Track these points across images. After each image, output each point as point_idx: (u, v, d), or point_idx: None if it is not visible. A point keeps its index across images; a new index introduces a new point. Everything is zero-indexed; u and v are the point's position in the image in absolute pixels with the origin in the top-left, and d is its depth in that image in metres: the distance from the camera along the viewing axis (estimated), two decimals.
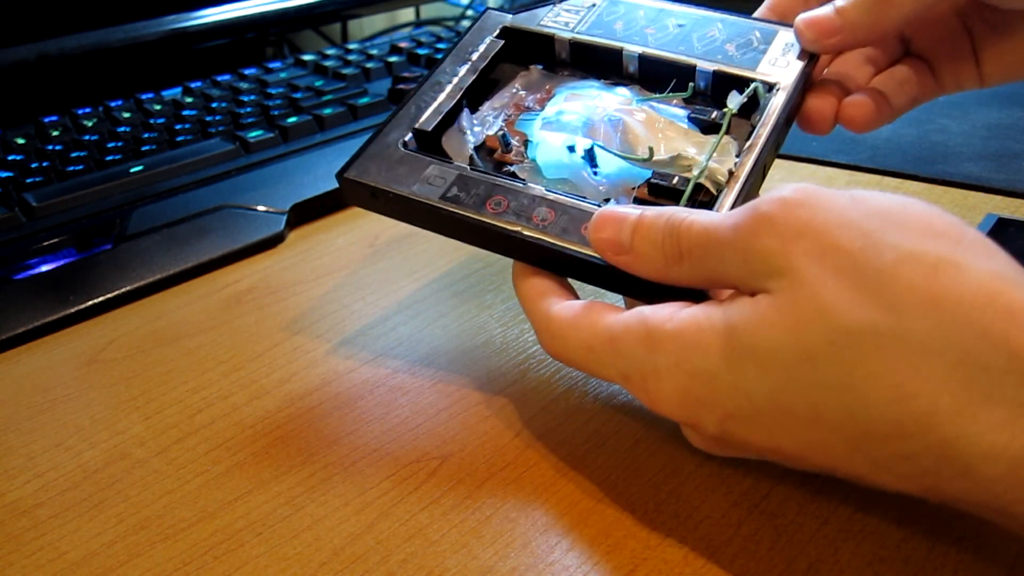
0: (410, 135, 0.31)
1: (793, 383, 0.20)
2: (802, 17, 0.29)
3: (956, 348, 0.18)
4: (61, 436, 0.30)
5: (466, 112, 0.32)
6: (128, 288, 0.39)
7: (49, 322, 0.37)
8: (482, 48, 0.33)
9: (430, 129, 0.31)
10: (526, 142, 0.30)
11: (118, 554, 0.25)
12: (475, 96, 0.33)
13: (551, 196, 0.27)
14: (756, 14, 0.33)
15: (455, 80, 0.32)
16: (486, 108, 0.32)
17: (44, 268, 0.40)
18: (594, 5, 0.34)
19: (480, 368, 0.32)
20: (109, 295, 0.38)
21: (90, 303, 0.38)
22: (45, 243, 0.41)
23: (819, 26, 0.29)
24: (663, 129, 0.29)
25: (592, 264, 0.26)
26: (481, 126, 0.32)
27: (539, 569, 0.23)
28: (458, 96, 0.32)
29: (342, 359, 0.33)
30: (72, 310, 0.37)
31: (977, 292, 0.18)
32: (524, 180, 0.29)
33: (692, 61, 0.31)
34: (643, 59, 0.31)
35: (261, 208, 0.45)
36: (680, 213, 0.23)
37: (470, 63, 0.33)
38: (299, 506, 0.26)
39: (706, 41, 0.31)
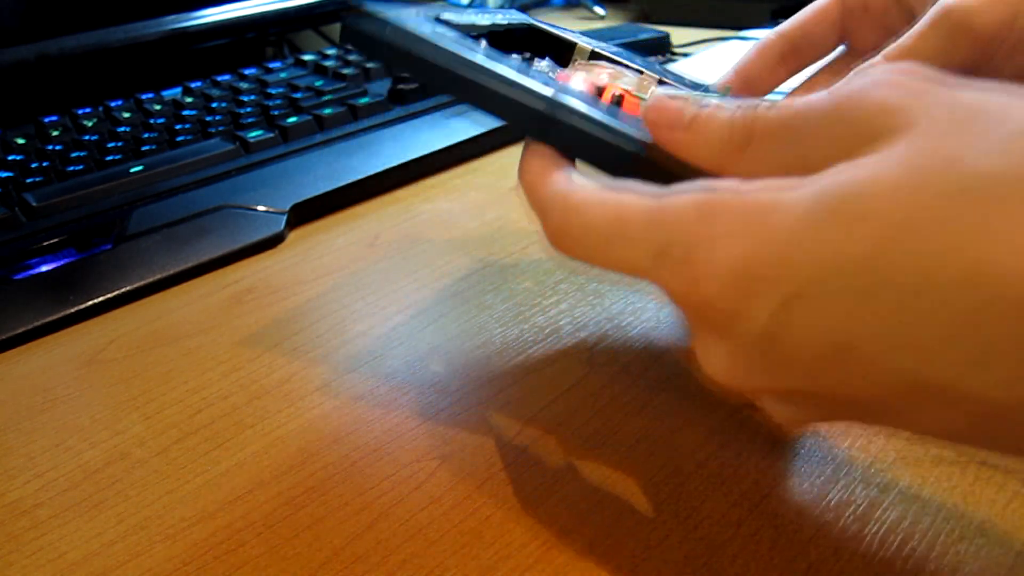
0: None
1: (901, 243, 0.16)
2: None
3: None
4: (61, 436, 0.30)
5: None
6: (128, 288, 0.39)
7: (49, 322, 0.37)
8: None
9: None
10: None
11: (118, 554, 0.25)
12: None
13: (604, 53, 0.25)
14: (722, 80, 0.33)
15: None
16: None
17: (44, 268, 0.40)
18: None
19: (480, 368, 0.32)
20: (109, 295, 0.38)
21: (90, 303, 0.38)
22: (45, 243, 0.41)
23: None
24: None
25: (622, 149, 0.22)
26: None
27: (539, 569, 0.23)
28: None
29: (342, 359, 0.33)
30: (72, 310, 0.37)
31: None
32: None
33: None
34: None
35: (261, 208, 0.45)
36: (753, 102, 0.20)
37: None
38: (299, 506, 0.26)
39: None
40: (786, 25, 0.33)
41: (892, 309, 0.16)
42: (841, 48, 0.32)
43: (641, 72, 0.31)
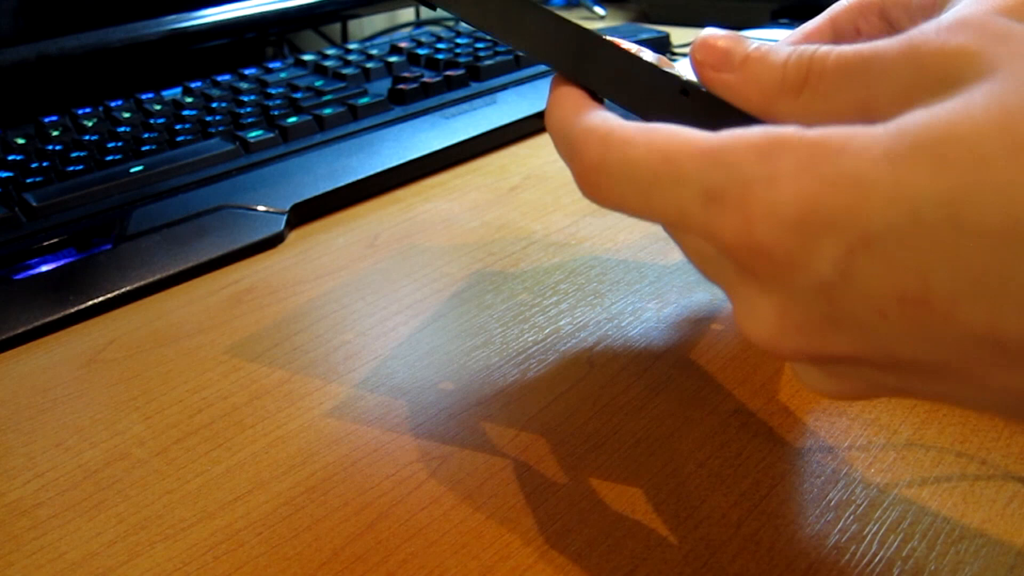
0: None
1: (990, 185, 0.14)
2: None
3: None
4: (61, 436, 0.30)
5: None
6: (128, 288, 0.39)
7: (49, 322, 0.37)
8: None
9: None
10: None
11: (118, 554, 0.25)
12: None
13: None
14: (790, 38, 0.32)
15: None
16: None
17: (44, 268, 0.40)
18: None
19: (480, 368, 0.32)
20: (109, 295, 0.38)
21: (90, 303, 0.38)
22: (45, 243, 0.41)
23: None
24: None
25: (665, 87, 0.21)
26: None
27: (539, 569, 0.23)
28: None
29: (342, 359, 0.33)
30: (72, 310, 0.38)
31: None
32: None
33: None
34: None
35: (261, 208, 0.45)
36: (810, 46, 0.19)
37: None
38: (299, 506, 0.26)
39: None
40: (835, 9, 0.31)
41: (975, 255, 0.15)
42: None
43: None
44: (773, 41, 0.33)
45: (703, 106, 0.20)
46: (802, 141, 0.16)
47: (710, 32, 0.21)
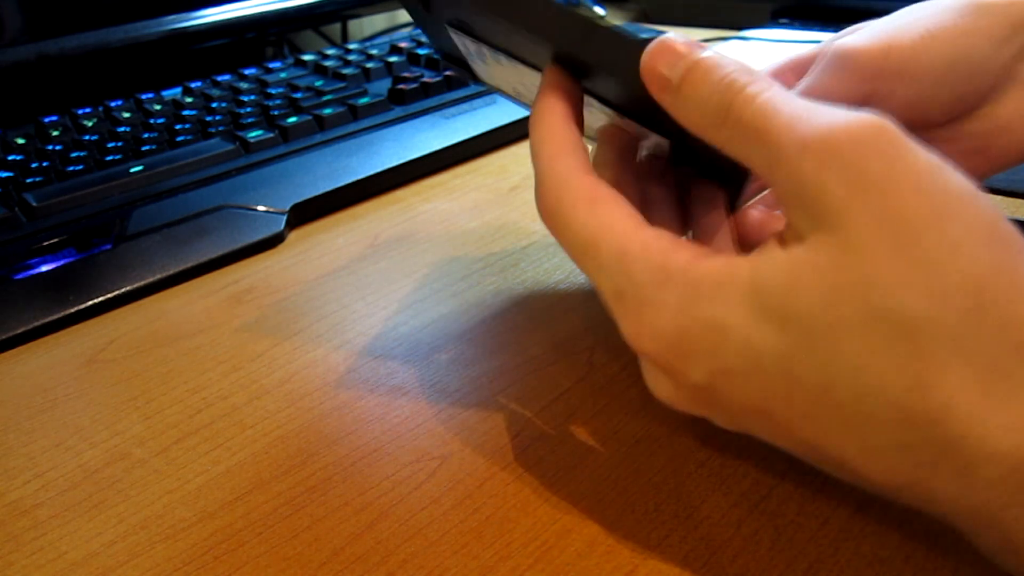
0: None
1: (811, 351, 0.19)
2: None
3: (987, 353, 0.18)
4: (61, 436, 0.30)
5: None
6: (128, 288, 0.39)
7: (49, 322, 0.37)
8: None
9: None
10: None
11: (118, 554, 0.25)
12: None
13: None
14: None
15: None
16: None
17: (44, 268, 0.40)
18: None
19: (480, 368, 0.32)
20: (109, 295, 0.38)
21: (90, 303, 0.38)
22: (45, 243, 0.41)
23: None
24: None
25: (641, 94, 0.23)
26: None
27: (539, 569, 0.23)
28: None
29: (342, 359, 0.33)
30: (72, 310, 0.38)
31: None
32: None
33: None
34: None
35: (261, 208, 0.45)
36: (742, 77, 0.21)
37: None
38: (299, 506, 0.26)
39: None
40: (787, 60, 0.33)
41: (800, 399, 0.20)
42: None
43: None
44: (757, 41, 0.33)
45: (660, 115, 0.22)
46: (687, 277, 0.21)
47: (659, 43, 0.22)
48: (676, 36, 0.23)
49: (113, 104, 0.56)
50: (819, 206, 0.19)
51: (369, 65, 0.60)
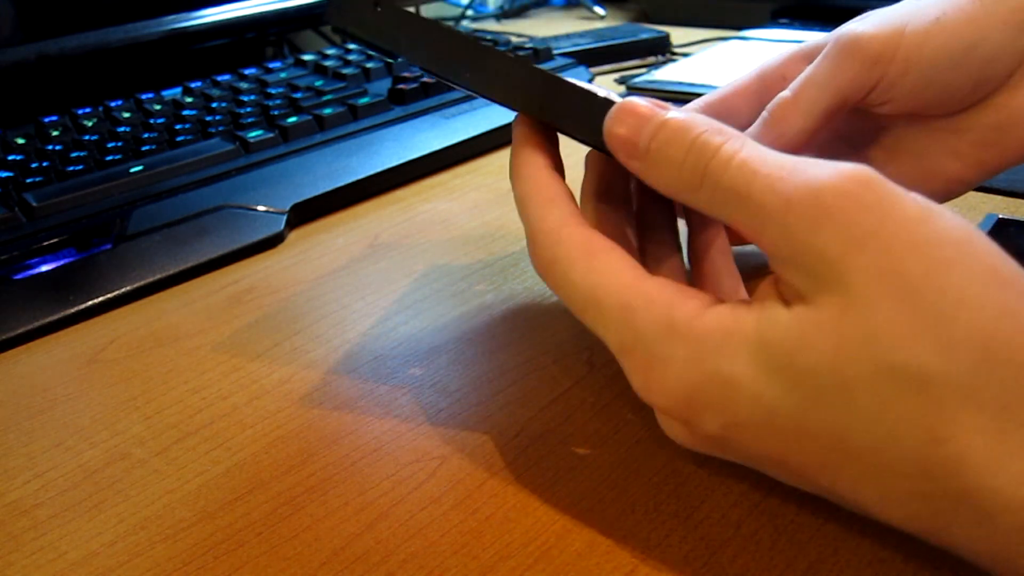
0: None
1: (823, 406, 0.19)
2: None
3: (999, 402, 0.17)
4: (61, 436, 0.30)
5: None
6: (128, 288, 0.39)
7: (49, 322, 0.37)
8: None
9: None
10: None
11: (118, 554, 0.25)
12: None
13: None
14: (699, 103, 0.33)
15: None
16: None
17: (44, 268, 0.40)
18: None
19: (480, 368, 0.32)
20: (109, 295, 0.38)
21: (90, 303, 0.38)
22: (45, 243, 0.41)
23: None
24: None
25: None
26: None
27: (539, 569, 0.23)
28: None
29: (342, 359, 0.33)
30: (72, 310, 0.38)
31: None
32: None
33: None
34: None
35: (261, 208, 0.45)
36: (714, 138, 0.20)
37: None
38: (299, 506, 0.26)
39: None
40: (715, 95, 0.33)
41: (815, 450, 0.20)
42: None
43: None
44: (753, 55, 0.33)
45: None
46: (692, 331, 0.20)
47: (620, 107, 0.22)
48: (638, 99, 0.22)
49: (113, 104, 0.56)
50: (817, 268, 0.18)
51: (369, 65, 0.60)
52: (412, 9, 0.25)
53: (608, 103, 0.23)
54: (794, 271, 0.19)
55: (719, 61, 0.65)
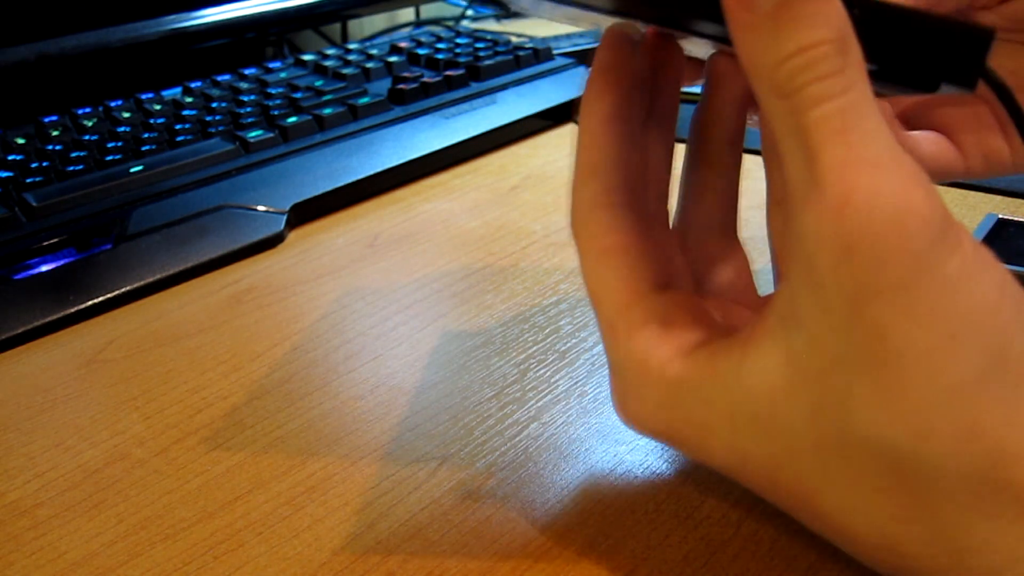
0: None
1: (795, 464, 0.19)
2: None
3: (980, 483, 0.17)
4: (61, 436, 0.30)
5: None
6: (128, 288, 0.39)
7: (49, 322, 0.37)
8: None
9: None
10: None
11: (118, 554, 0.25)
12: None
13: None
14: None
15: None
16: None
17: (44, 268, 0.40)
18: None
19: (480, 368, 0.32)
20: (109, 295, 0.38)
21: (90, 303, 0.38)
22: (45, 243, 0.41)
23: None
24: None
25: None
26: None
27: (539, 569, 0.23)
28: None
29: (342, 359, 0.33)
30: (72, 310, 0.37)
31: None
32: None
33: None
34: None
35: (261, 208, 0.45)
36: (835, 58, 0.16)
37: None
38: (299, 506, 0.26)
39: None
40: None
41: (785, 499, 0.20)
42: None
43: None
44: None
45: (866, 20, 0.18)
46: (663, 378, 0.20)
47: None
48: None
49: (113, 104, 0.56)
50: (828, 294, 0.17)
51: (369, 65, 0.60)
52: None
53: None
54: (804, 283, 0.17)
55: None
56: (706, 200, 0.25)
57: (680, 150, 0.25)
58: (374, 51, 0.64)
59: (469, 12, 0.95)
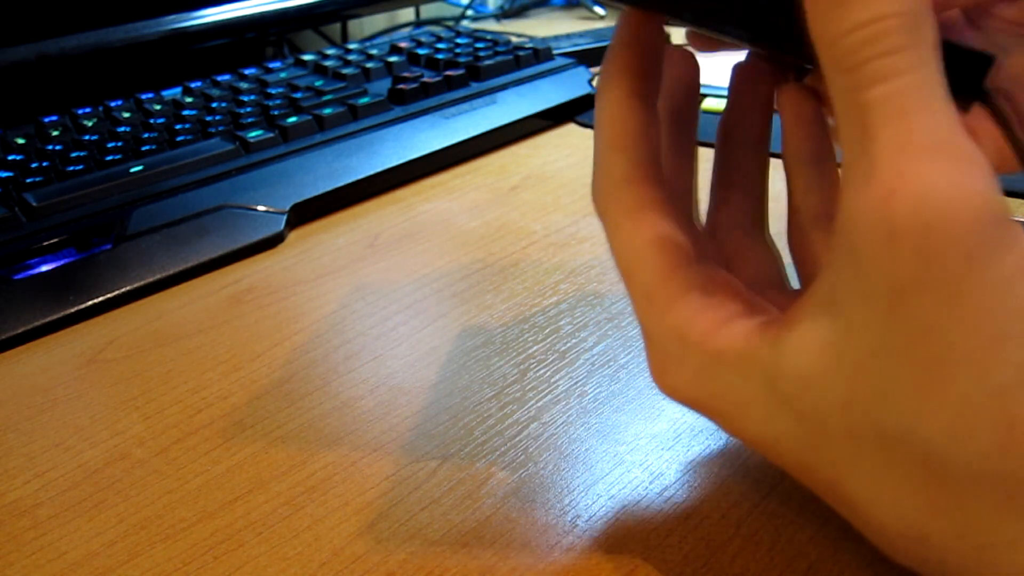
0: None
1: (826, 450, 0.19)
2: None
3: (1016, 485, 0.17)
4: (61, 436, 0.30)
5: None
6: (128, 288, 0.39)
7: (49, 322, 0.37)
8: None
9: None
10: None
11: (118, 554, 0.25)
12: None
13: None
14: None
15: None
16: None
17: (44, 268, 0.40)
18: None
19: (480, 368, 0.32)
20: (109, 295, 0.38)
21: (90, 303, 0.38)
22: (45, 243, 0.41)
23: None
24: None
25: None
26: None
27: (539, 569, 0.23)
28: None
29: (342, 359, 0.33)
30: (72, 310, 0.38)
31: None
32: None
33: None
34: None
35: (261, 208, 0.45)
36: (900, 33, 0.16)
37: None
38: (299, 506, 0.26)
39: None
40: None
41: (813, 484, 0.20)
42: None
43: None
44: None
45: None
46: (704, 348, 0.20)
47: None
48: None
49: (113, 104, 0.56)
50: (871, 283, 0.16)
51: (369, 65, 0.60)
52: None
53: None
54: (847, 263, 0.17)
55: (719, 60, 0.65)
56: (733, 200, 0.25)
57: (705, 155, 0.25)
58: (374, 51, 0.64)
59: (469, 12, 0.95)
